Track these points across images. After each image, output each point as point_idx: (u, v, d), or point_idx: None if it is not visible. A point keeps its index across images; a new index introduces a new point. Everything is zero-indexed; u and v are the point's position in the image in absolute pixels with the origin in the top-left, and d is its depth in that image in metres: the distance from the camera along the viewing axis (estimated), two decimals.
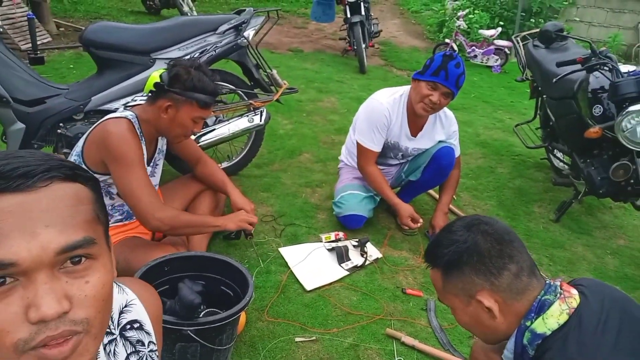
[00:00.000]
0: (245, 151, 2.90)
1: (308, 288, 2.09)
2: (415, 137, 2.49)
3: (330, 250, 2.34)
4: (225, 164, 2.88)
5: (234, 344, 1.66)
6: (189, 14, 6.37)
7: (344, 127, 3.71)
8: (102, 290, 0.57)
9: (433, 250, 1.10)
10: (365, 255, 2.31)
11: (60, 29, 5.59)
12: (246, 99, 2.72)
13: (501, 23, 6.73)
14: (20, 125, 2.20)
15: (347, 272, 2.22)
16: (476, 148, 3.76)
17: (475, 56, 6.37)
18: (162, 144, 2.09)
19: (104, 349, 0.73)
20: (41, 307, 0.51)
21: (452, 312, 1.10)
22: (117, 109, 2.08)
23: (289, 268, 2.20)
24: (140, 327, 0.79)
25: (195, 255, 1.74)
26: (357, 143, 2.47)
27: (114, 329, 0.76)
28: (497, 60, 6.22)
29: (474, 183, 3.21)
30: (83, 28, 5.58)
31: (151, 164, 2.01)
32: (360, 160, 2.49)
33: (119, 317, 0.77)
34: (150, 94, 1.85)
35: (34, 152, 0.58)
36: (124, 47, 2.34)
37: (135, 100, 2.00)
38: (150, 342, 0.81)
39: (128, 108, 1.89)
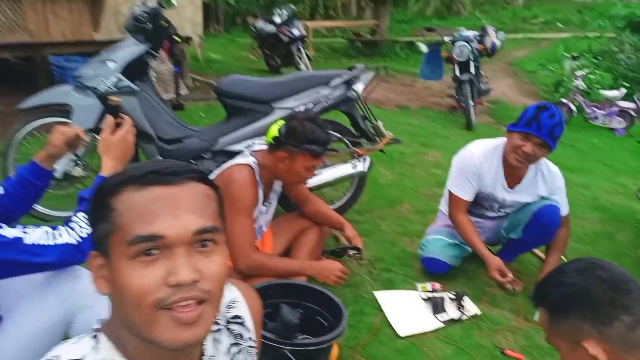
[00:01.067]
0: (347, 197, 3.03)
1: (401, 334, 2.09)
2: (512, 189, 2.43)
3: (426, 300, 2.32)
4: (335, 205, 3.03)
5: None
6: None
7: (445, 181, 3.69)
8: (222, 270, 0.71)
9: (541, 289, 1.08)
10: (462, 309, 2.25)
11: (196, 84, 6.38)
12: (351, 147, 2.88)
13: (625, 84, 6.33)
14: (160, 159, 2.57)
15: (443, 324, 2.18)
16: (593, 212, 3.52)
17: (596, 117, 6.03)
18: (277, 185, 2.28)
19: (213, 338, 0.84)
20: (179, 274, 0.65)
21: (560, 355, 1.06)
22: (241, 151, 2.34)
23: (383, 312, 2.22)
24: (242, 323, 0.90)
25: (296, 284, 1.86)
26: (449, 191, 2.49)
27: (222, 320, 0.88)
28: (620, 122, 5.82)
29: (589, 249, 2.99)
30: (215, 83, 6.36)
31: (266, 202, 2.20)
32: (450, 208, 2.49)
33: (226, 310, 0.89)
34: (270, 145, 2.05)
35: (177, 161, 0.75)
36: (249, 96, 2.65)
37: (254, 144, 2.25)
38: (249, 337, 0.91)
39: (252, 153, 2.11)
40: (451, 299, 2.32)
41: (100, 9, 4.88)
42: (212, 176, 2.10)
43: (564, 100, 6.28)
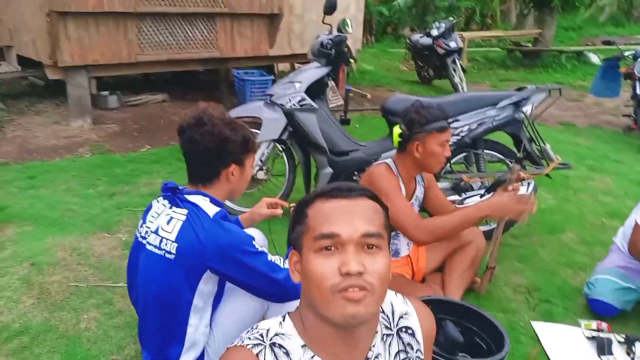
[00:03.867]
0: (505, 219, 2.97)
1: None
2: None
3: (590, 338, 2.19)
4: (483, 228, 3.01)
5: None
6: (458, 85, 6.82)
7: (618, 211, 3.40)
8: (384, 270, 0.88)
9: None
10: (632, 355, 2.09)
11: (351, 95, 6.72)
12: (512, 168, 2.82)
13: None
14: (329, 170, 2.85)
15: None
16: None
17: None
18: (419, 191, 2.37)
19: (382, 338, 0.99)
20: (349, 265, 0.85)
21: None
22: None
23: (541, 343, 2.17)
24: (412, 334, 1.04)
25: (456, 302, 1.93)
26: (636, 222, 2.28)
27: (393, 327, 1.02)
28: None
29: None
30: (367, 95, 6.65)
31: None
32: (632, 239, 2.27)
33: (398, 320, 1.03)
34: (399, 145, 2.20)
35: (354, 183, 0.99)
36: None
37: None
38: (418, 349, 1.03)
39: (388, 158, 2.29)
40: (620, 342, 2.16)
41: (277, 29, 5.44)
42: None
43: None
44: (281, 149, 3.00)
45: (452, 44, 6.89)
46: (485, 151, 2.89)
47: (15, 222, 2.78)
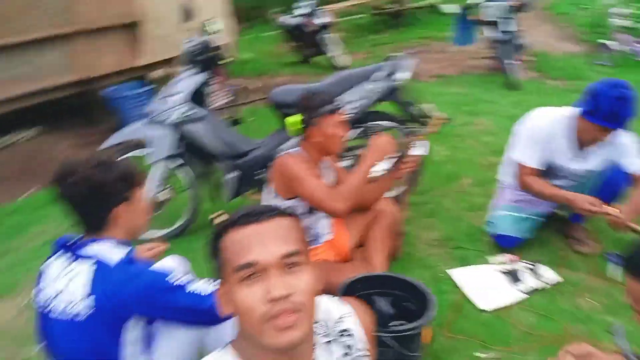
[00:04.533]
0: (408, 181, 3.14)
1: (483, 308, 2.21)
2: (582, 158, 2.43)
3: (503, 272, 2.41)
4: (392, 193, 3.14)
5: (422, 356, 1.86)
6: (337, 59, 6.97)
7: (500, 148, 3.70)
8: (310, 285, 0.89)
9: (636, 258, 0.99)
10: (541, 278, 2.34)
11: (237, 89, 6.58)
12: (405, 132, 2.98)
13: None
14: (234, 174, 2.81)
15: (526, 295, 2.26)
16: None
17: None
18: (328, 176, 2.43)
19: (324, 347, 1.01)
20: (274, 291, 0.84)
21: None
22: None
23: (461, 289, 2.34)
24: (351, 335, 1.07)
25: (382, 275, 2.04)
26: (516, 162, 2.48)
27: (332, 333, 1.05)
28: None
29: None
30: (248, 87, 6.55)
31: None
32: (519, 177, 2.48)
33: (335, 324, 1.06)
34: (299, 133, 2.25)
35: (262, 205, 0.96)
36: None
37: None
38: (360, 347, 1.07)
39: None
40: (528, 268, 2.41)
41: (138, 39, 5.12)
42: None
43: (602, 41, 6.05)
44: (177, 165, 2.87)
45: (318, 21, 6.99)
46: (375, 122, 3.01)
47: None
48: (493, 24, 5.52)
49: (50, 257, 1.50)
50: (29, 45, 4.42)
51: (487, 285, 2.34)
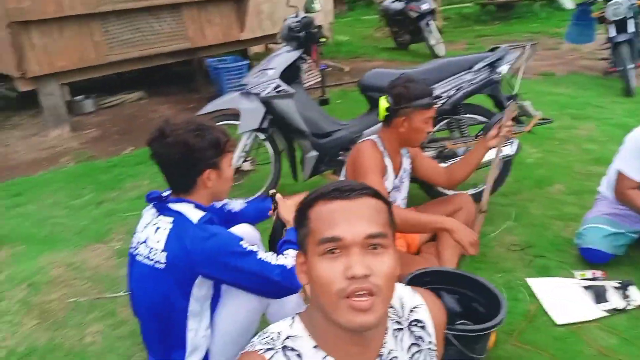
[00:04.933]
0: (499, 164, 2.99)
1: (559, 322, 2.08)
2: None
3: (586, 288, 2.25)
4: (472, 191, 3.03)
5: (485, 358, 1.80)
6: (435, 47, 6.76)
7: (604, 157, 3.43)
8: (390, 270, 0.86)
9: None
10: (627, 299, 2.15)
11: (328, 69, 6.64)
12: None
13: None
14: (314, 153, 2.85)
15: (606, 314, 2.10)
16: None
17: None
18: (406, 163, 2.39)
19: (393, 334, 0.99)
20: (353, 268, 0.83)
21: None
22: None
23: (538, 299, 2.22)
24: (423, 327, 1.03)
25: (451, 271, 1.97)
26: (617, 171, 2.33)
27: (404, 321, 1.02)
28: None
29: None
30: (345, 68, 6.57)
31: (397, 178, 2.33)
32: (618, 187, 2.33)
33: (409, 313, 1.03)
34: (385, 119, 2.21)
35: (355, 181, 0.94)
36: None
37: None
38: (429, 341, 1.03)
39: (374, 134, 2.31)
40: (615, 287, 2.22)
41: (245, 12, 5.33)
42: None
43: None
44: (264, 138, 2.98)
45: (424, 6, 6.79)
46: (466, 115, 2.89)
47: (6, 243, 2.76)
48: (619, 23, 5.01)
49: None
50: (147, 10, 4.78)
51: (567, 298, 2.19)
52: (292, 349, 0.91)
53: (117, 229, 2.88)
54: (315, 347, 0.91)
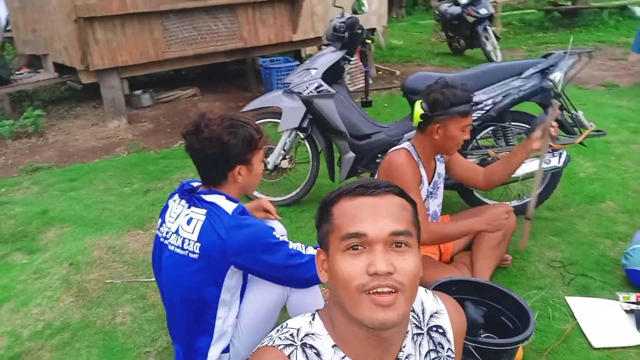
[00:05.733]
0: (538, 192, 2.86)
1: (595, 345, 1.95)
2: None
3: (628, 311, 2.10)
4: (515, 203, 2.91)
5: None
6: (492, 53, 6.55)
7: None
8: (414, 268, 0.84)
9: None
10: None
11: (379, 72, 6.61)
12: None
13: None
14: (351, 155, 2.84)
15: None
16: None
17: None
18: (440, 168, 2.32)
19: (413, 338, 0.96)
20: (377, 265, 0.81)
21: None
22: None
23: (576, 319, 2.10)
24: (443, 334, 1.00)
25: (481, 282, 1.90)
26: None
27: (424, 326, 0.99)
28: None
29: None
30: (396, 72, 6.51)
31: (431, 185, 2.27)
32: None
33: (429, 319, 1.00)
34: (419, 125, 2.14)
35: (380, 179, 0.93)
36: None
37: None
38: (449, 348, 1.00)
39: (408, 140, 2.25)
40: None
41: (299, 13, 5.40)
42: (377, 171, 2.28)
43: None
44: (303, 137, 3.00)
45: (482, 11, 6.60)
46: (513, 124, 2.78)
47: (56, 224, 2.94)
48: None
49: (173, 194, 1.69)
50: (204, 10, 4.95)
51: (607, 321, 2.06)
52: (312, 347, 0.90)
53: (158, 217, 2.99)
54: (334, 346, 0.90)
